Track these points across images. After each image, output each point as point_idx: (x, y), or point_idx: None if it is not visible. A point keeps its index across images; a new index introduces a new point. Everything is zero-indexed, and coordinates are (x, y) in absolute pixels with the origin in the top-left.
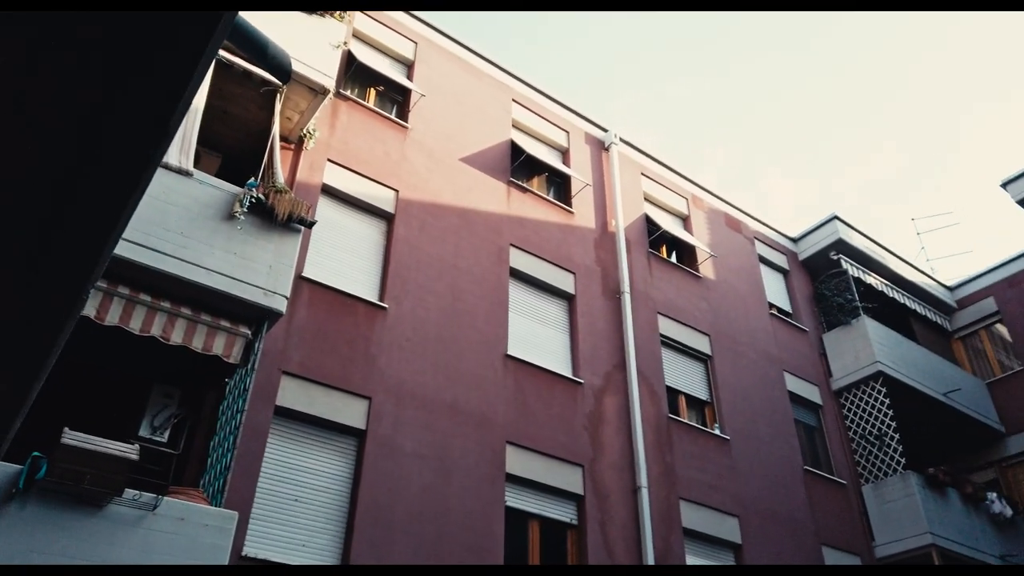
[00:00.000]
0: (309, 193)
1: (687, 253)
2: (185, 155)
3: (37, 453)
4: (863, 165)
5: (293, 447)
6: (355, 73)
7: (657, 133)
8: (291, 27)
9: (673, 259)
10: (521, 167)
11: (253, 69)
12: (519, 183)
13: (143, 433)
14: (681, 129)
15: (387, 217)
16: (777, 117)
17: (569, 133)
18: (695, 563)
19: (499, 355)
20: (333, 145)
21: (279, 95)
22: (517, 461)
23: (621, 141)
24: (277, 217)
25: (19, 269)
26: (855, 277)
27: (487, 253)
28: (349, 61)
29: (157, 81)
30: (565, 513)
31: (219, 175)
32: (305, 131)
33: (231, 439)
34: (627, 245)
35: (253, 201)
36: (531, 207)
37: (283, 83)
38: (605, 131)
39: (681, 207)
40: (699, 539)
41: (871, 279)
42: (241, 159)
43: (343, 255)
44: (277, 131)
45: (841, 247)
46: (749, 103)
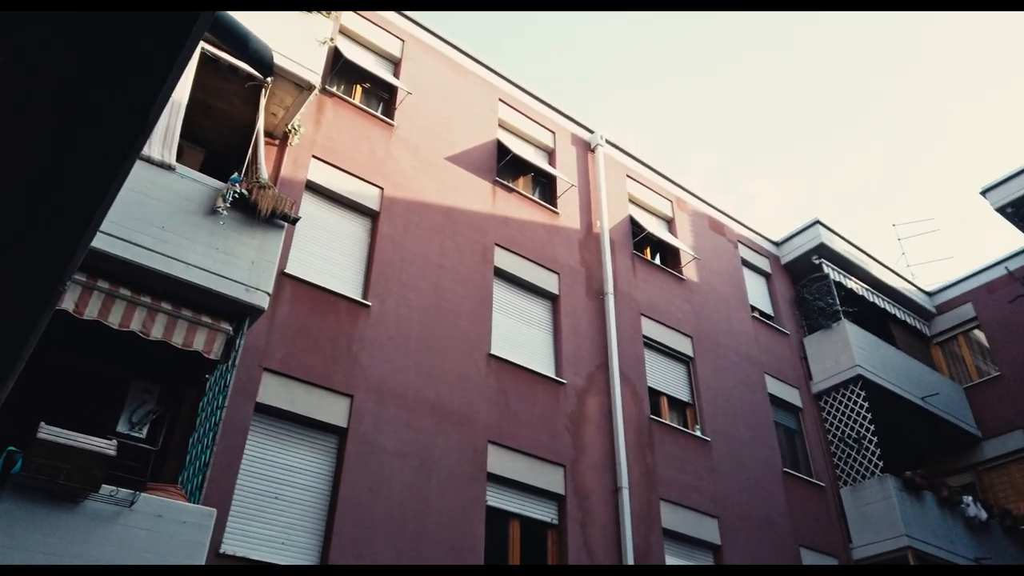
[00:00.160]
0: (293, 189)
1: (671, 255)
2: (168, 149)
3: (13, 448)
4: (847, 167)
5: (274, 444)
6: (341, 70)
7: (643, 135)
8: (277, 22)
9: (657, 261)
10: (507, 167)
11: (238, 64)
12: (505, 183)
13: (121, 429)
14: (667, 131)
15: (371, 215)
16: (763, 121)
17: (555, 134)
18: (674, 563)
19: (482, 354)
20: (318, 141)
21: (264, 90)
22: (499, 461)
23: (607, 143)
24: (260, 213)
25: None
26: (836, 281)
27: (471, 252)
28: (335, 57)
29: (137, 69)
30: (546, 513)
31: (202, 170)
32: (290, 127)
33: (211, 436)
34: (611, 246)
35: (236, 196)
36: (516, 207)
37: (264, 76)
38: (591, 132)
39: (666, 209)
40: (679, 540)
41: (852, 284)
42: (225, 154)
43: (327, 252)
44: (261, 126)
45: (823, 251)
46: (735, 106)
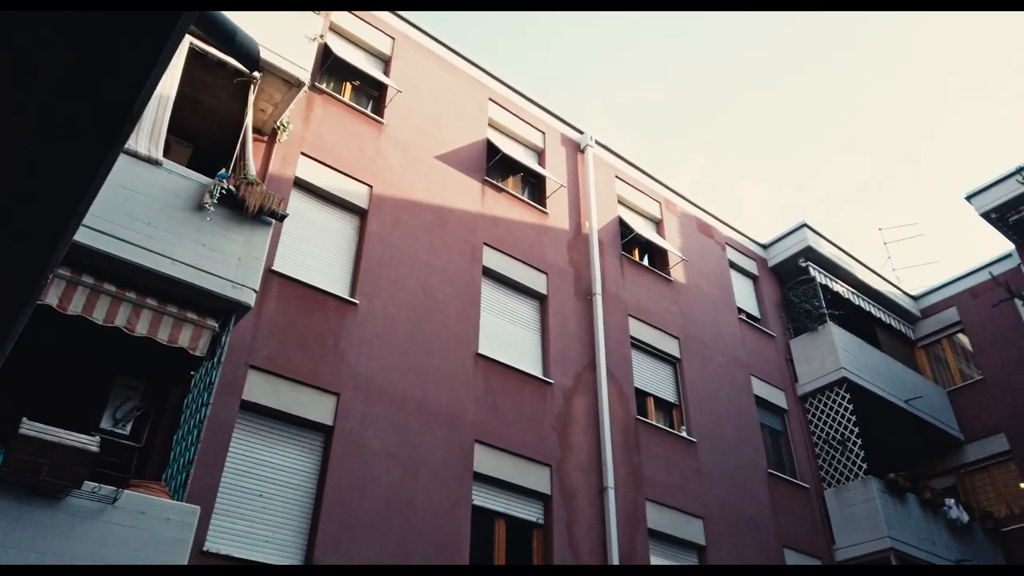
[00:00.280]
0: (281, 186)
1: (659, 257)
2: (155, 144)
3: None
4: (835, 169)
5: (259, 442)
6: (331, 67)
7: (632, 136)
8: (266, 18)
9: (645, 262)
10: (496, 166)
11: (227, 59)
12: (494, 182)
13: (105, 425)
14: (656, 133)
15: (360, 212)
16: (752, 123)
17: (545, 134)
18: (659, 564)
19: (470, 354)
20: (307, 138)
21: (253, 86)
22: (485, 460)
23: (597, 144)
24: (248, 209)
25: None
26: (823, 284)
27: (460, 251)
28: (325, 54)
29: (121, 60)
30: (532, 513)
31: (190, 165)
32: (279, 123)
33: (195, 433)
34: (600, 247)
35: (223, 192)
36: (505, 207)
37: (251, 71)
38: (581, 133)
39: (654, 211)
40: (664, 540)
41: (838, 287)
42: (213, 150)
43: (314, 249)
44: (250, 122)
45: (810, 254)
46: (724, 109)
